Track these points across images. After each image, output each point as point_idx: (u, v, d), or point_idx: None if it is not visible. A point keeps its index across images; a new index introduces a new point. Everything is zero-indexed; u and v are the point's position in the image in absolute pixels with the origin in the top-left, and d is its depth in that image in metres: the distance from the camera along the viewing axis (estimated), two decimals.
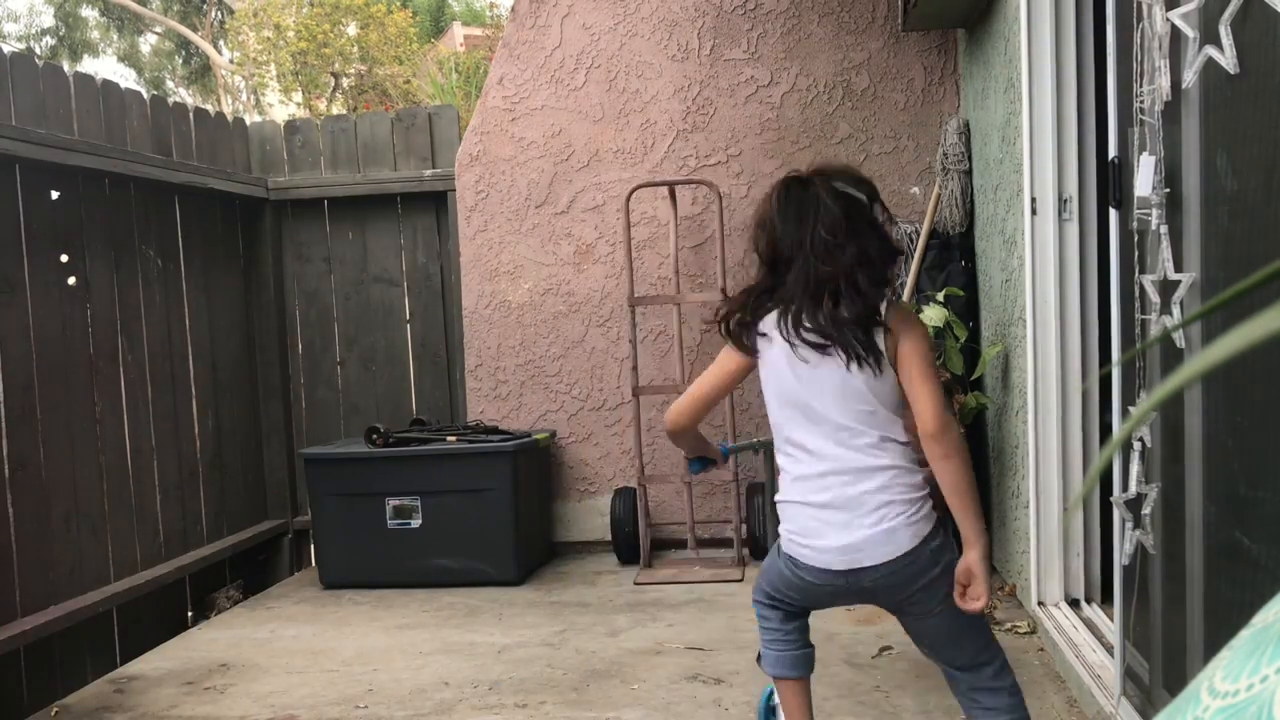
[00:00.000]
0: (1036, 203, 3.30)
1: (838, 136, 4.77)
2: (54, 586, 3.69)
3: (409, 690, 3.24)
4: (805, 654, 2.16)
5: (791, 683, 2.16)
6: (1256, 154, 1.69)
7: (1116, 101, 2.40)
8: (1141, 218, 2.13)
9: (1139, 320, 2.19)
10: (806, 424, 2.05)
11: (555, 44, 4.89)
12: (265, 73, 14.95)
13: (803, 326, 2.00)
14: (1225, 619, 1.87)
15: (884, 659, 3.26)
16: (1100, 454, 3.00)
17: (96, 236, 4.03)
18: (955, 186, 4.34)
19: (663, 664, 3.34)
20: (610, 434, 4.92)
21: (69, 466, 3.82)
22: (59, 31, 20.38)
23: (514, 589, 4.35)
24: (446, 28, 17.56)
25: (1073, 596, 3.34)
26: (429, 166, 5.11)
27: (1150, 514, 2.19)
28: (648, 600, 4.08)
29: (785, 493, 2.05)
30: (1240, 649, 0.52)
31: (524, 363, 4.96)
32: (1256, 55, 1.67)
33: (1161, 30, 1.98)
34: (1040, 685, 2.97)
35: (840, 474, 1.97)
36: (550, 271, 4.93)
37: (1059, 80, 3.27)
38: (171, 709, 3.22)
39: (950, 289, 4.07)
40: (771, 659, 2.17)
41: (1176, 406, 2.03)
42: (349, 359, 5.26)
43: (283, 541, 5.19)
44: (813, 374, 2.03)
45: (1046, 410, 3.31)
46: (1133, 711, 2.38)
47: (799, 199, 2.04)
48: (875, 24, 4.75)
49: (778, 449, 2.11)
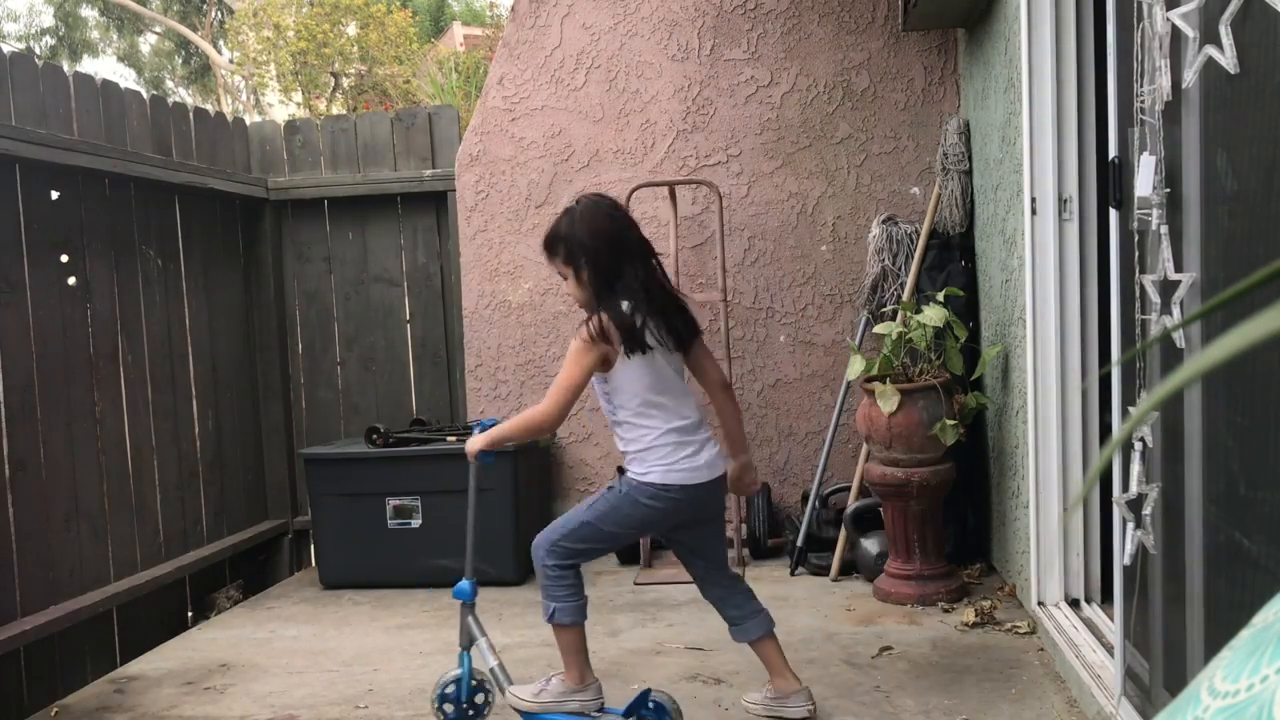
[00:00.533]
0: (1036, 203, 3.30)
1: (838, 136, 4.77)
2: (54, 586, 3.69)
3: (409, 690, 3.24)
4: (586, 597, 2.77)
5: (581, 626, 2.75)
6: (1256, 154, 1.69)
7: (1116, 101, 2.40)
8: (1141, 218, 2.13)
9: (1139, 320, 2.19)
10: (669, 394, 2.74)
11: (555, 44, 4.90)
12: (265, 73, 14.95)
13: (664, 330, 2.70)
14: (1225, 619, 1.87)
15: (884, 659, 3.26)
16: (1100, 454, 3.00)
17: (96, 236, 4.03)
18: (955, 186, 4.34)
19: (663, 664, 3.34)
20: (610, 434, 4.91)
21: (69, 466, 3.82)
22: (59, 31, 20.38)
23: (514, 589, 4.34)
24: (446, 28, 17.56)
25: (1073, 596, 3.34)
26: (429, 166, 5.11)
27: (1150, 514, 2.19)
28: (648, 600, 4.08)
29: (661, 444, 2.68)
30: (1240, 649, 0.52)
31: (524, 363, 4.96)
32: (1256, 55, 1.67)
33: (1162, 30, 1.98)
34: (1040, 685, 2.97)
35: (695, 421, 2.77)
36: (550, 271, 4.91)
37: (1059, 80, 3.27)
38: (171, 709, 3.22)
39: (950, 289, 4.07)
40: (574, 609, 2.72)
41: (1176, 406, 2.03)
42: (349, 359, 5.26)
43: (283, 541, 5.19)
44: (669, 359, 2.74)
45: (1046, 410, 3.31)
46: (1133, 711, 2.38)
47: (623, 217, 2.76)
48: (875, 24, 4.75)
49: (639, 421, 2.71)
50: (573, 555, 2.72)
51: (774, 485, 4.81)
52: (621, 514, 2.70)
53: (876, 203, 4.76)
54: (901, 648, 3.35)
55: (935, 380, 3.80)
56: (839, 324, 4.79)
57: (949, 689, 2.98)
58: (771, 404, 4.83)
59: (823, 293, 4.80)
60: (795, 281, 4.81)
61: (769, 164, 4.80)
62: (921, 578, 3.81)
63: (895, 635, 3.48)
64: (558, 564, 2.70)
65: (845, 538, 4.21)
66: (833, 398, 4.70)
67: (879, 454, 3.87)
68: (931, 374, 3.86)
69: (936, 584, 3.81)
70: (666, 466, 2.67)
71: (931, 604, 3.76)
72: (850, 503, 4.24)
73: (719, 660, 3.34)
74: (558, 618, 2.71)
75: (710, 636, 3.58)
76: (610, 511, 2.70)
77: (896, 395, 3.74)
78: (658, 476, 2.67)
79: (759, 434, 4.84)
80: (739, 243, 4.82)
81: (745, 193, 4.81)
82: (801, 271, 4.81)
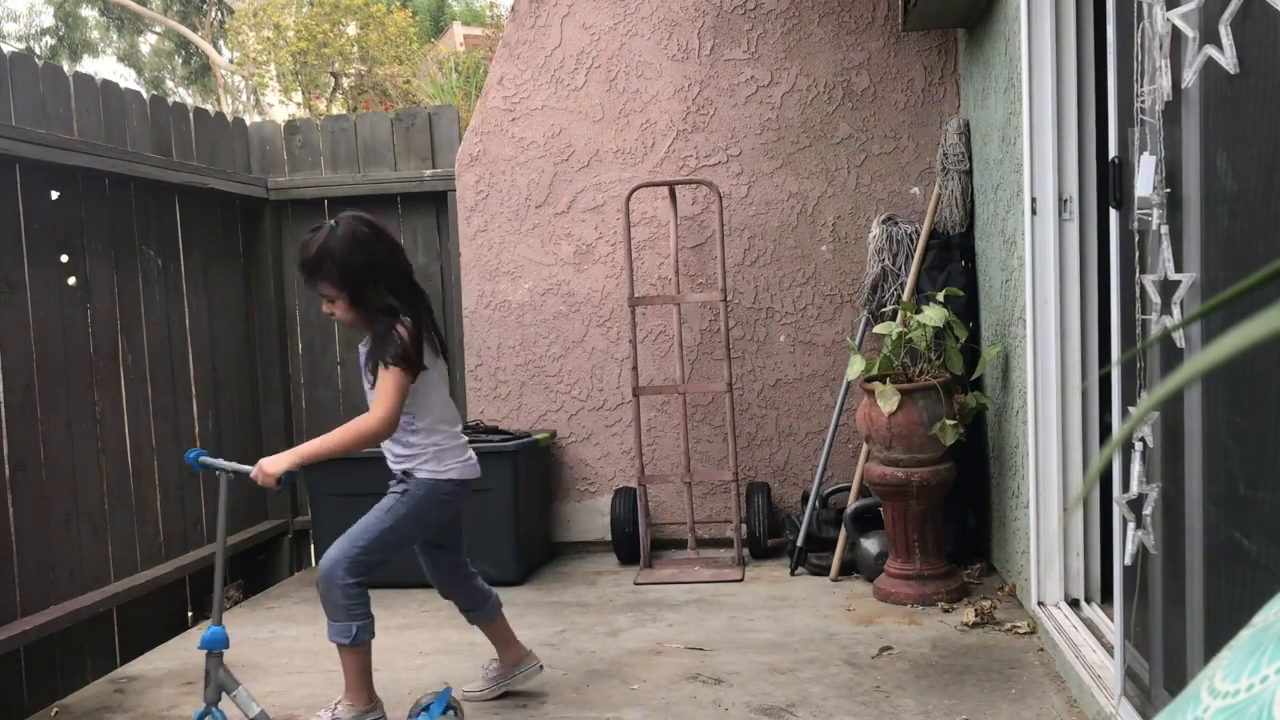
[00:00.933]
0: (1036, 203, 3.30)
1: (838, 136, 4.77)
2: (54, 586, 3.69)
3: (409, 690, 3.24)
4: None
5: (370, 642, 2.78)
6: (1256, 154, 1.69)
7: (1116, 101, 2.40)
8: (1142, 218, 2.13)
9: (1139, 320, 2.19)
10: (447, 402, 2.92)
11: (555, 44, 4.90)
12: (265, 73, 14.95)
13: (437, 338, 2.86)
14: (1225, 619, 1.87)
15: (884, 659, 3.26)
16: (1100, 454, 3.00)
17: (96, 236, 4.03)
18: (955, 186, 4.34)
19: (663, 664, 3.34)
20: (610, 434, 4.92)
21: (69, 466, 3.82)
22: (59, 31, 20.38)
23: (514, 589, 4.34)
24: (446, 27, 17.56)
25: (1073, 596, 3.34)
26: (429, 166, 5.11)
27: (1150, 514, 2.19)
28: (648, 600, 4.08)
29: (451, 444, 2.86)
30: (1240, 649, 0.52)
31: (524, 363, 4.96)
32: (1256, 55, 1.67)
33: (1162, 30, 1.99)
34: (1040, 685, 2.97)
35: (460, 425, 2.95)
36: (550, 271, 4.93)
37: (1059, 80, 3.27)
38: (171, 709, 3.22)
39: (950, 289, 4.08)
40: (372, 625, 2.76)
41: (1176, 406, 2.03)
42: (349, 359, 5.25)
43: (283, 541, 5.19)
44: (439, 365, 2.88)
45: (1046, 410, 3.31)
46: (1133, 711, 2.38)
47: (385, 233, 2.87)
48: (875, 24, 4.75)
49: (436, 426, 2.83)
50: (369, 569, 2.77)
51: (774, 485, 4.81)
52: (424, 514, 2.83)
53: (876, 203, 4.76)
54: (901, 648, 3.35)
55: (935, 380, 3.80)
56: (839, 324, 4.79)
57: (949, 689, 2.98)
58: (771, 404, 4.83)
59: (823, 293, 4.80)
60: (795, 281, 4.81)
61: (769, 164, 4.80)
62: (921, 578, 3.81)
63: (895, 635, 3.48)
64: (357, 580, 2.72)
65: (845, 538, 4.21)
66: (833, 398, 4.70)
67: (879, 454, 3.87)
68: (931, 374, 3.86)
69: (936, 584, 3.81)
70: (461, 463, 2.88)
71: (931, 604, 3.76)
72: (850, 503, 4.24)
73: (719, 660, 3.34)
74: (361, 636, 2.73)
75: (710, 636, 3.58)
76: (412, 514, 2.81)
77: (896, 395, 3.74)
78: (456, 473, 2.86)
79: (759, 434, 4.84)
80: (739, 243, 4.82)
81: (745, 193, 4.81)
82: (801, 271, 4.81)
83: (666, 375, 4.84)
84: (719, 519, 4.84)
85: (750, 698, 3.00)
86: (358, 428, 2.72)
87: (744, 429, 4.82)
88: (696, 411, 4.85)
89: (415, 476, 2.82)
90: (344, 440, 2.72)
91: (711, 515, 4.86)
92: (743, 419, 4.81)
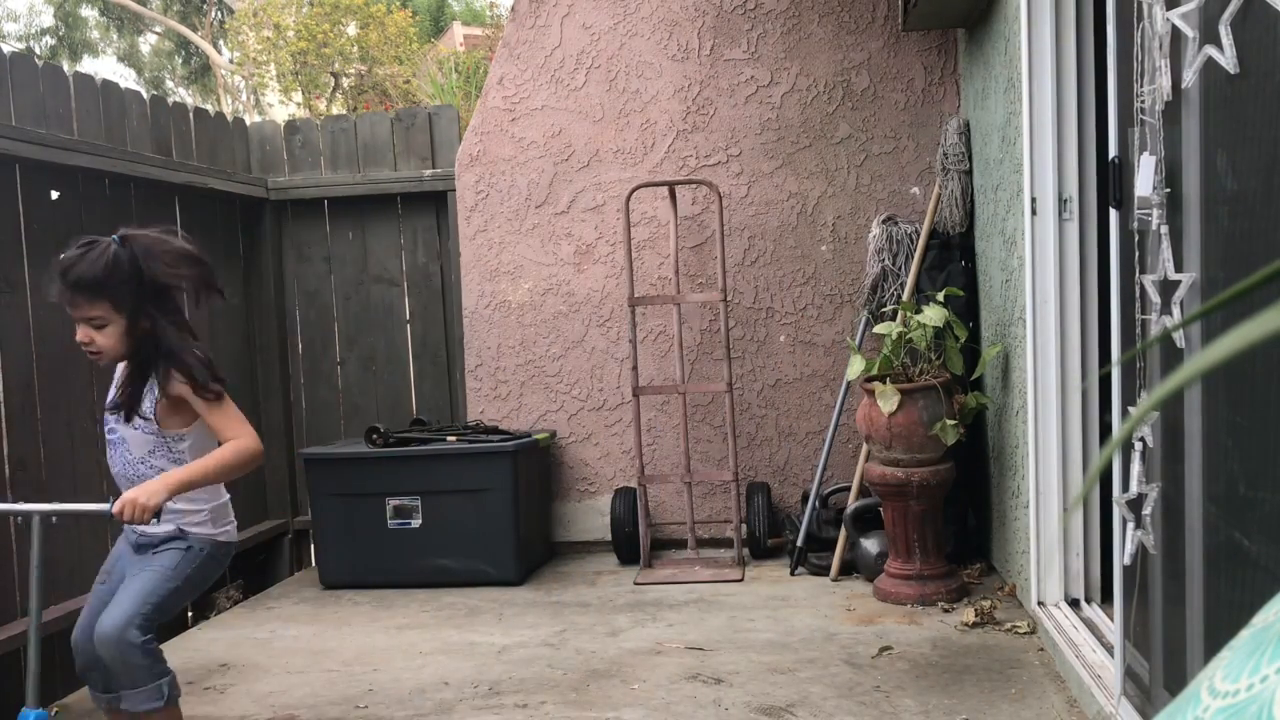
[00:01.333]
0: (1036, 203, 3.30)
1: (838, 136, 4.77)
2: (54, 586, 3.69)
3: (409, 690, 3.24)
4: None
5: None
6: (1256, 154, 1.69)
7: (1116, 101, 2.40)
8: (1142, 218, 2.13)
9: (1139, 320, 2.19)
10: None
11: (555, 44, 4.90)
12: (265, 73, 14.95)
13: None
14: (1225, 619, 1.87)
15: (884, 659, 3.26)
16: (1100, 454, 3.00)
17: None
18: (955, 186, 4.34)
19: (663, 664, 3.34)
20: (610, 434, 4.92)
21: (69, 466, 3.82)
22: (59, 31, 20.37)
23: (514, 589, 4.35)
24: (446, 27, 17.56)
25: (1073, 596, 3.34)
26: (429, 166, 5.11)
27: (1150, 514, 2.19)
28: (648, 600, 4.08)
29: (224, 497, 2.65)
30: (1240, 649, 0.52)
31: (524, 363, 4.96)
32: (1256, 55, 1.67)
33: (1162, 30, 1.98)
34: (1040, 685, 2.97)
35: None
36: (550, 271, 4.93)
37: (1059, 80, 3.27)
38: None
39: (950, 289, 4.07)
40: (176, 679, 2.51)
41: (1176, 406, 2.03)
42: (349, 359, 5.26)
43: (283, 541, 5.19)
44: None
45: (1046, 410, 3.31)
46: (1133, 711, 2.38)
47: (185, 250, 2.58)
48: (875, 24, 4.75)
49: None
50: (155, 626, 2.50)
51: (774, 485, 4.81)
52: (203, 575, 2.60)
53: (876, 203, 4.76)
54: (901, 648, 3.35)
55: (935, 380, 3.80)
56: (839, 324, 4.79)
57: (949, 689, 2.98)
58: (771, 404, 4.83)
59: (823, 293, 4.80)
60: (795, 281, 4.81)
61: (769, 164, 4.80)
62: (921, 578, 3.81)
63: (895, 635, 3.48)
64: (150, 637, 2.45)
65: (845, 538, 4.21)
66: (833, 398, 4.70)
67: (879, 454, 3.87)
68: (931, 374, 3.86)
69: (936, 584, 3.81)
70: (231, 525, 2.68)
71: (931, 604, 3.76)
72: (850, 503, 4.24)
73: (719, 660, 3.34)
74: (174, 692, 2.48)
75: (710, 636, 3.58)
76: (195, 573, 2.56)
77: (896, 395, 3.74)
78: (229, 536, 2.65)
79: (759, 434, 4.84)
80: (739, 243, 4.82)
81: (745, 193, 4.81)
82: (801, 271, 4.81)
83: (666, 375, 4.84)
84: (719, 519, 4.84)
85: (750, 698, 3.00)
86: (236, 449, 2.45)
87: (744, 429, 4.82)
88: (696, 411, 4.85)
89: (192, 534, 2.55)
90: (223, 465, 2.45)
91: (711, 515, 4.86)
92: (743, 419, 4.81)
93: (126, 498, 2.32)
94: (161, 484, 2.35)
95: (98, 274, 2.38)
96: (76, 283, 2.39)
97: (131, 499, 2.31)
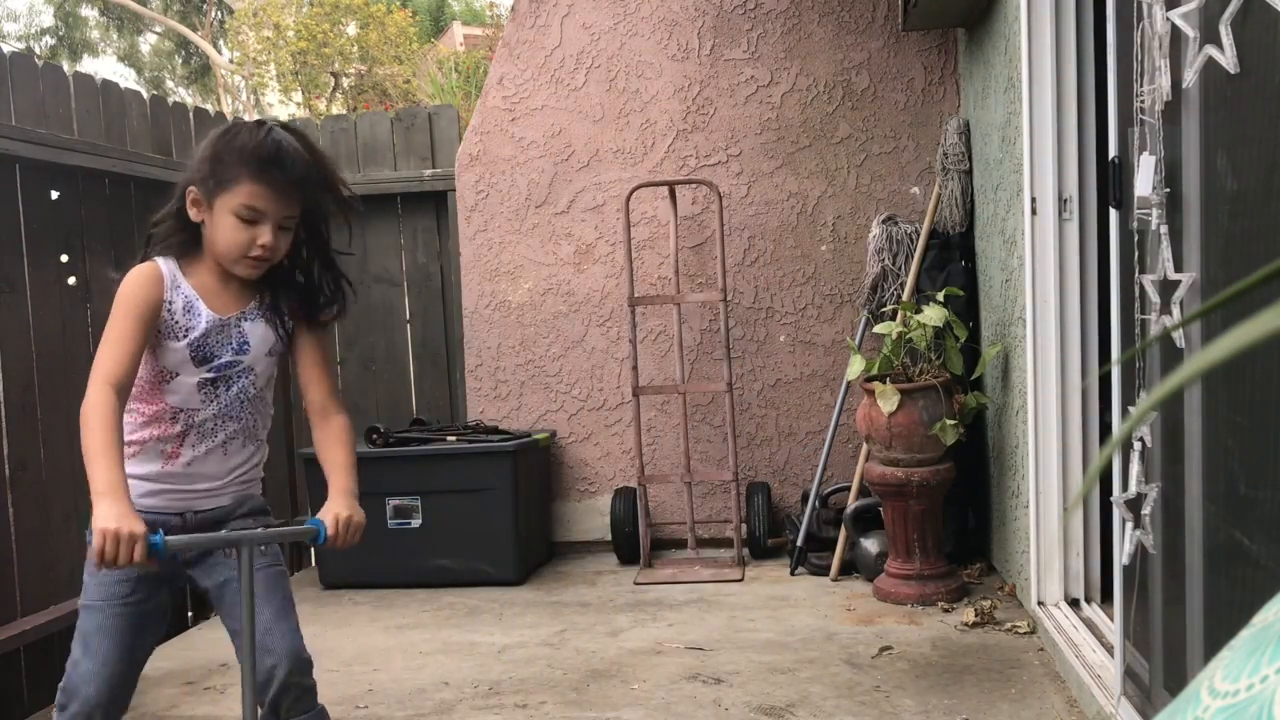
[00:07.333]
0: (1036, 203, 3.30)
1: (838, 136, 4.77)
2: (54, 586, 3.69)
3: (409, 690, 3.24)
4: None
5: None
6: (1256, 154, 1.69)
7: (1116, 101, 2.40)
8: (1141, 218, 2.13)
9: (1139, 320, 2.19)
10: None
11: (555, 44, 4.89)
12: (265, 72, 14.95)
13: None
14: (1225, 619, 1.87)
15: (884, 659, 3.26)
16: (1100, 454, 3.00)
17: (96, 236, 4.02)
18: (955, 186, 4.34)
19: (663, 664, 3.34)
20: (610, 434, 4.92)
21: (69, 466, 3.81)
22: (59, 31, 20.37)
23: (514, 589, 4.35)
24: (446, 27, 17.56)
25: (1073, 596, 3.34)
26: (429, 166, 5.11)
27: (1150, 514, 2.19)
28: (648, 600, 4.08)
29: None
30: (1240, 649, 0.52)
31: (524, 363, 4.96)
32: (1256, 55, 1.67)
33: (1162, 30, 1.98)
34: (1040, 685, 2.97)
35: None
36: (550, 271, 4.93)
37: (1059, 80, 3.27)
38: (171, 709, 3.22)
39: (950, 289, 4.07)
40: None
41: (1176, 406, 2.03)
42: (349, 359, 5.26)
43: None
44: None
45: (1046, 410, 3.31)
46: (1133, 711, 2.38)
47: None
48: (875, 24, 4.75)
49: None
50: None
51: (774, 485, 4.81)
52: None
53: (876, 203, 4.76)
54: (901, 648, 3.35)
55: (935, 380, 3.80)
56: (839, 324, 4.79)
57: (949, 689, 2.98)
58: (771, 404, 4.83)
59: (823, 293, 4.80)
60: (795, 281, 4.81)
61: (769, 164, 4.80)
62: (921, 577, 3.81)
63: (895, 635, 3.48)
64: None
65: (845, 537, 4.21)
66: (833, 397, 4.70)
67: (879, 454, 3.87)
68: (931, 374, 3.86)
69: (936, 584, 3.81)
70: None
71: (931, 604, 3.76)
72: (850, 502, 4.24)
73: (719, 660, 3.34)
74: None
75: (710, 636, 3.58)
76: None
77: (896, 395, 3.74)
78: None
79: (759, 434, 4.84)
80: (739, 243, 4.82)
81: (745, 193, 4.81)
82: (801, 271, 4.81)
83: (666, 375, 4.84)
84: (719, 519, 4.84)
85: (750, 698, 3.00)
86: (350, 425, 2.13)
87: (744, 429, 4.81)
88: (696, 411, 4.85)
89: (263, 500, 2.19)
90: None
91: (711, 515, 4.86)
92: (743, 419, 4.81)
93: (341, 516, 1.92)
94: (353, 496, 1.97)
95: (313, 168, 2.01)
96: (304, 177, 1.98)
97: (348, 517, 1.93)
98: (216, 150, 1.97)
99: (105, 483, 1.78)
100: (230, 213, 1.95)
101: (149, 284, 1.99)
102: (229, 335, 2.03)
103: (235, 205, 1.94)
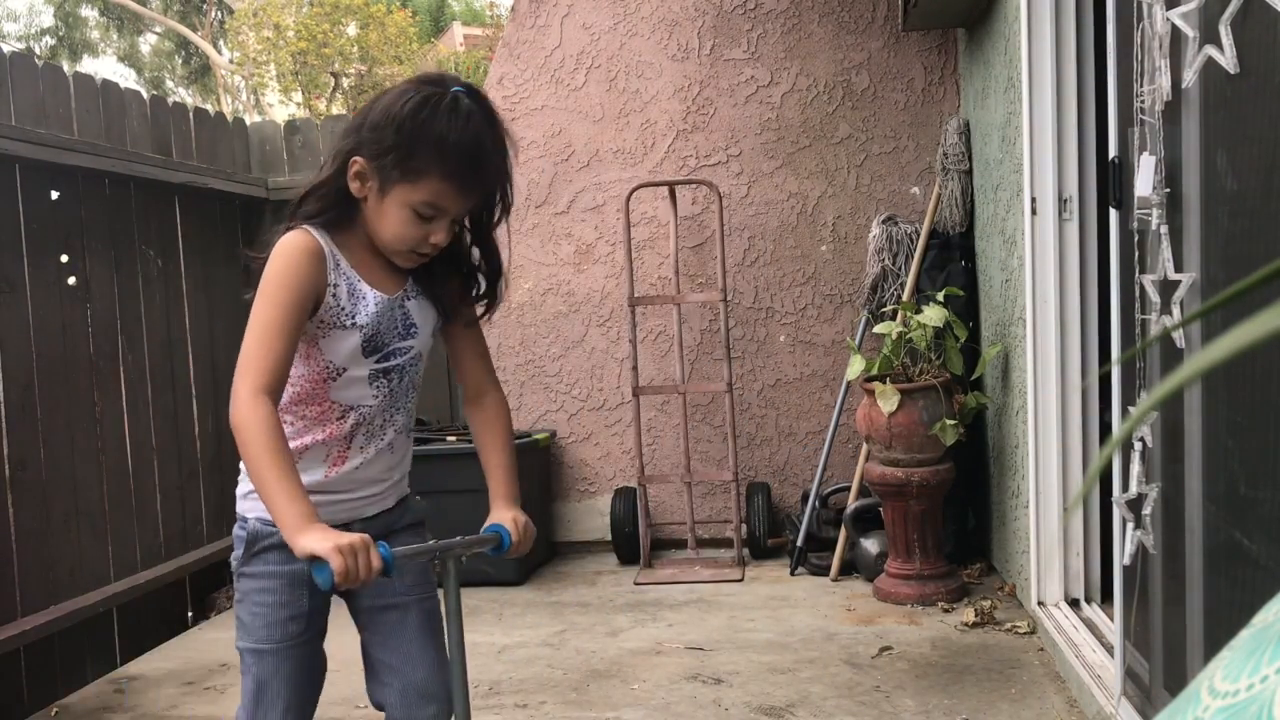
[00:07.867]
0: (1036, 203, 3.30)
1: (838, 136, 4.77)
2: (54, 586, 3.69)
3: None
4: None
5: None
6: (1256, 154, 1.69)
7: (1116, 101, 2.40)
8: (1141, 218, 2.13)
9: (1139, 320, 2.19)
10: None
11: (555, 44, 4.89)
12: (265, 73, 14.95)
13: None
14: (1225, 619, 1.87)
15: (884, 659, 3.26)
16: (1100, 454, 2.99)
17: (96, 236, 4.02)
18: (955, 186, 4.34)
19: (663, 664, 3.34)
20: (610, 434, 4.92)
21: (69, 466, 3.81)
22: (59, 31, 20.37)
23: (514, 589, 4.34)
24: (446, 28, 17.57)
25: (1073, 596, 3.34)
26: None
27: (1150, 514, 2.19)
28: (648, 600, 4.08)
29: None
30: (1240, 649, 0.52)
31: (524, 363, 4.96)
32: (1256, 55, 1.67)
33: (1162, 30, 1.98)
34: (1040, 685, 2.97)
35: None
36: (550, 271, 4.93)
37: (1059, 80, 3.27)
38: (171, 709, 3.22)
39: (950, 289, 4.08)
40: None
41: (1176, 406, 2.03)
42: None
43: None
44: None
45: (1046, 410, 3.31)
46: (1133, 711, 2.38)
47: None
48: (875, 24, 4.75)
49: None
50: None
51: (774, 485, 4.81)
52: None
53: (876, 203, 4.76)
54: (901, 648, 3.35)
55: (935, 380, 3.80)
56: (839, 324, 4.79)
57: (949, 689, 2.98)
58: (771, 404, 4.83)
59: (823, 293, 4.80)
60: (795, 281, 4.81)
61: (769, 164, 4.80)
62: (921, 578, 3.81)
63: (895, 635, 3.48)
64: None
65: (845, 538, 4.21)
66: (833, 398, 4.70)
67: (879, 454, 3.87)
68: (931, 374, 3.86)
69: (936, 584, 3.81)
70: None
71: (931, 604, 3.76)
72: (850, 503, 4.24)
73: (719, 660, 3.34)
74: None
75: (710, 636, 3.58)
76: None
77: (896, 395, 3.74)
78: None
79: (759, 434, 4.84)
80: (739, 243, 4.82)
81: (745, 193, 4.81)
82: (801, 271, 4.81)
83: (666, 375, 4.84)
84: (719, 519, 4.84)
85: (750, 698, 3.00)
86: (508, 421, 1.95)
87: (744, 429, 4.81)
88: (696, 411, 4.85)
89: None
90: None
91: (711, 515, 4.85)
92: (743, 419, 4.81)
93: (520, 520, 1.77)
94: (518, 500, 1.83)
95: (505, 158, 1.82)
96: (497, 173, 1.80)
97: (525, 521, 1.77)
98: (402, 128, 1.63)
99: (298, 515, 1.49)
100: (407, 205, 1.66)
101: (311, 260, 1.65)
102: (395, 319, 1.74)
103: (417, 201, 1.66)
